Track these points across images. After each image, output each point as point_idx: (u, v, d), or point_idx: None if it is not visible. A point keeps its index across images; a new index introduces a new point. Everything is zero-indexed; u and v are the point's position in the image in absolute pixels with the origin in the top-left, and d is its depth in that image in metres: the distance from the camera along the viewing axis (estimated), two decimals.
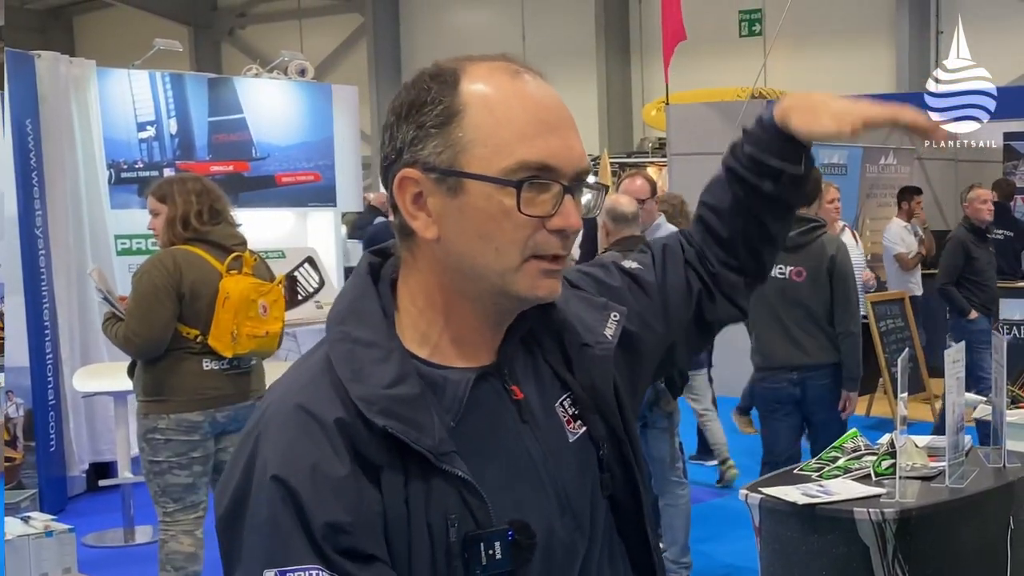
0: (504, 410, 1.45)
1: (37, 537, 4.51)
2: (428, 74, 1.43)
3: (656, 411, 5.56)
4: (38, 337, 7.30)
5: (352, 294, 1.46)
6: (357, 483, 1.31)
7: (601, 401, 1.53)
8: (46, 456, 7.36)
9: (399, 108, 1.42)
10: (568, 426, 1.51)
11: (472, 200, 1.37)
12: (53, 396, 7.42)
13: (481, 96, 1.39)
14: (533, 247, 1.39)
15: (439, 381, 1.40)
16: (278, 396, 1.40)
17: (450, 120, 1.38)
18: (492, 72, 1.42)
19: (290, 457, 1.31)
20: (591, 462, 1.51)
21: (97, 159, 7.91)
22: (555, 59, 20.37)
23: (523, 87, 1.41)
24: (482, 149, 1.37)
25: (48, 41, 23.42)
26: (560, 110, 1.43)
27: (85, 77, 7.92)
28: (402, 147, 1.40)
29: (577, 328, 1.55)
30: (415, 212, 1.40)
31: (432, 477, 1.34)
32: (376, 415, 1.32)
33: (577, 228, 1.41)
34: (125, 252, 8.03)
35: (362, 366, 1.37)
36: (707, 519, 6.83)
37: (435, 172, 1.38)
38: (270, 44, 20.14)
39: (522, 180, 1.37)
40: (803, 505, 3.91)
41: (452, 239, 1.39)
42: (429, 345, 1.43)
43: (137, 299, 4.69)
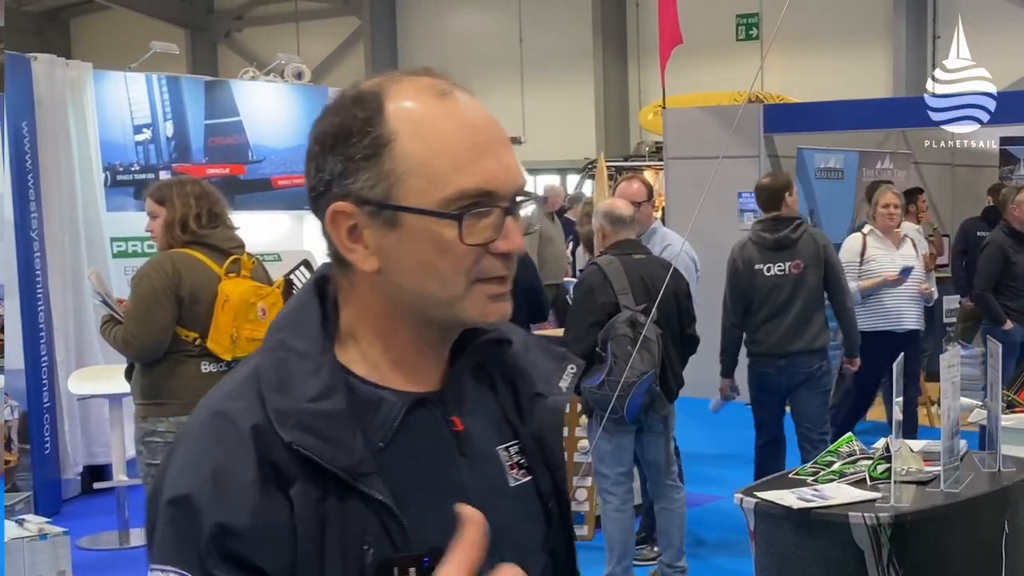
0: (440, 440, 1.41)
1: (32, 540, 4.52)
2: (350, 98, 1.38)
3: (652, 415, 5.55)
4: (33, 340, 7.30)
5: (295, 304, 1.44)
6: (263, 491, 1.28)
7: (548, 453, 1.50)
8: (41, 459, 7.35)
9: (323, 138, 1.37)
10: (510, 471, 1.47)
11: (411, 233, 1.34)
12: (48, 399, 7.41)
13: (410, 122, 1.35)
14: (478, 272, 1.36)
15: (373, 400, 1.37)
16: (204, 402, 1.38)
17: (380, 151, 1.34)
18: (418, 93, 1.37)
19: (194, 464, 1.30)
20: (534, 514, 1.48)
21: (93, 161, 7.91)
22: (552, 62, 20.40)
23: (453, 108, 1.37)
24: (417, 180, 1.33)
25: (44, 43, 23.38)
26: (492, 129, 1.39)
27: (81, 80, 7.92)
28: (331, 179, 1.36)
29: (532, 375, 1.51)
30: (351, 245, 1.37)
31: (349, 497, 1.31)
32: (289, 430, 1.29)
33: (522, 249, 1.39)
34: (121, 255, 8.02)
35: (290, 376, 1.34)
36: (702, 523, 6.83)
37: (369, 205, 1.34)
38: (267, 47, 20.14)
39: (463, 211, 1.33)
40: (798, 509, 3.92)
41: (393, 271, 1.36)
42: (368, 365, 1.40)
43: (136, 302, 4.69)
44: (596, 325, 5.40)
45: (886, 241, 7.56)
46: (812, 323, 6.46)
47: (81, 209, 7.77)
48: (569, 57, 20.23)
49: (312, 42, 22.48)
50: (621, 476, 5.63)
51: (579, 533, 6.77)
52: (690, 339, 5.76)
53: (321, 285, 1.45)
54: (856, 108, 10.93)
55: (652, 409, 5.52)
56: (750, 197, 10.54)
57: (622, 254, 5.56)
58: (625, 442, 5.59)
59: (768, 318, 6.43)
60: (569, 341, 5.53)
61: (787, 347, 6.41)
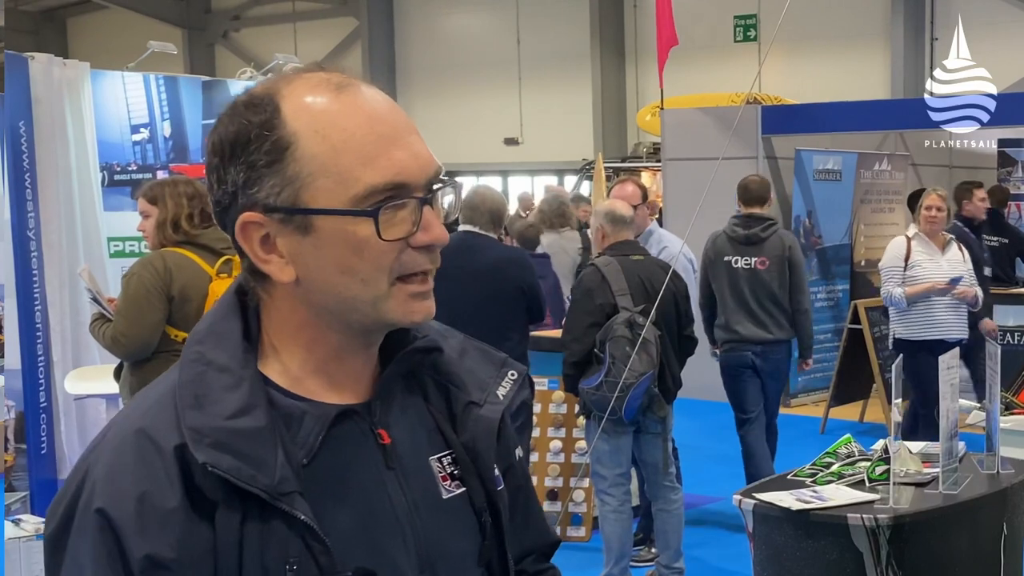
0: (367, 453, 1.35)
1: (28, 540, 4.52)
2: (242, 103, 1.31)
3: (649, 416, 5.55)
4: (30, 339, 7.29)
5: (215, 315, 1.37)
6: (187, 517, 1.23)
7: (481, 465, 1.44)
8: (37, 459, 7.34)
9: (220, 147, 1.30)
10: (443, 483, 1.41)
11: (326, 236, 1.28)
12: (44, 398, 7.40)
13: (310, 121, 1.28)
14: (400, 269, 1.31)
15: (296, 414, 1.31)
16: (123, 418, 1.33)
17: (282, 155, 1.28)
18: (313, 90, 1.31)
19: (117, 486, 1.24)
20: (468, 527, 1.43)
21: (90, 161, 7.89)
22: (550, 63, 20.40)
23: (353, 100, 1.30)
24: (324, 181, 1.27)
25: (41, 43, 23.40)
26: (396, 117, 1.32)
27: (79, 79, 7.90)
28: (235, 190, 1.30)
29: (467, 382, 1.46)
30: (266, 256, 1.31)
31: (272, 518, 1.25)
32: (203, 449, 1.23)
33: (444, 239, 1.33)
34: (118, 254, 8.01)
35: (208, 391, 1.28)
36: (700, 524, 6.83)
37: (278, 212, 1.28)
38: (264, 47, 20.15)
39: (377, 206, 1.28)
40: (797, 510, 3.91)
41: (312, 278, 1.30)
42: (291, 377, 1.34)
43: (127, 300, 4.68)
44: (594, 326, 5.40)
45: (931, 245, 7.30)
46: (774, 316, 6.80)
47: (78, 209, 7.76)
48: (567, 58, 20.24)
49: (309, 42, 22.49)
50: (619, 477, 5.63)
51: (577, 534, 6.77)
52: (688, 340, 5.77)
53: (241, 295, 1.39)
54: (854, 110, 10.94)
55: (650, 410, 5.52)
56: None
57: (620, 255, 5.56)
58: (623, 443, 5.59)
59: (736, 309, 6.82)
60: (567, 342, 5.53)
61: (758, 336, 6.79)
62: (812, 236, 10.80)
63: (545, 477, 6.88)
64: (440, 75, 21.44)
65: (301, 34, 23.04)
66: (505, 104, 20.54)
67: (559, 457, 6.91)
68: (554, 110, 20.44)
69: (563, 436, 6.95)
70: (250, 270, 1.35)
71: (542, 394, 6.80)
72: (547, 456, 6.92)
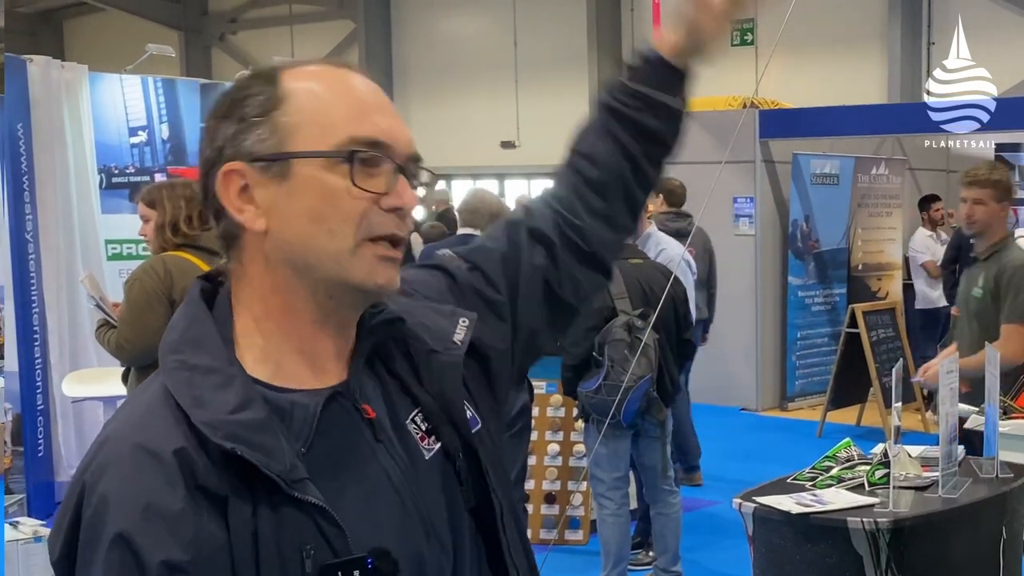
0: (357, 431, 1.38)
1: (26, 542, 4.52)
2: (246, 76, 1.43)
3: (648, 419, 5.55)
4: (27, 342, 7.30)
5: (185, 321, 1.39)
6: (195, 517, 1.24)
7: (452, 409, 1.47)
8: (34, 461, 7.35)
9: (217, 108, 1.40)
10: (422, 443, 1.44)
11: (302, 181, 1.34)
12: (42, 401, 7.41)
13: (304, 84, 1.38)
14: (368, 228, 1.35)
15: (285, 407, 1.33)
16: (114, 434, 1.32)
17: (275, 107, 1.36)
18: (313, 66, 1.41)
19: (122, 499, 1.25)
20: (450, 478, 1.45)
21: (88, 164, 7.90)
22: (547, 66, 20.40)
23: (347, 76, 1.40)
24: (310, 129, 1.35)
25: (38, 45, 23.40)
26: (385, 99, 1.41)
27: (77, 82, 7.91)
28: (223, 144, 1.37)
29: (423, 336, 1.49)
30: (242, 205, 1.35)
31: (283, 506, 1.27)
32: (223, 439, 1.25)
33: (412, 205, 1.38)
34: (116, 257, 8.01)
35: (202, 392, 1.30)
36: (698, 527, 6.85)
37: (261, 161, 1.35)
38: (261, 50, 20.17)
39: (353, 152, 1.34)
40: (797, 514, 3.90)
41: (282, 227, 1.35)
42: (272, 364, 1.36)
43: (129, 306, 4.68)
44: (593, 330, 5.40)
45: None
46: (697, 299, 7.30)
47: (76, 211, 7.77)
48: (563, 61, 20.24)
49: (306, 45, 22.47)
50: (617, 481, 5.63)
51: (575, 538, 6.77)
52: (687, 344, 5.78)
53: (205, 297, 1.42)
54: (852, 114, 10.96)
55: (648, 413, 5.52)
56: (745, 202, 10.60)
57: (619, 259, 5.56)
58: (621, 447, 5.59)
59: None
60: (565, 345, 5.53)
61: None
62: (810, 240, 10.82)
63: (543, 480, 6.89)
64: (437, 78, 21.45)
65: (298, 37, 23.02)
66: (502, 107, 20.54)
67: (557, 460, 6.91)
68: (551, 113, 20.41)
69: (561, 440, 6.96)
70: (224, 236, 1.39)
71: (540, 398, 6.80)
72: (544, 460, 6.92)
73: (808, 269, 10.85)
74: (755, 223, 10.55)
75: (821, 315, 10.99)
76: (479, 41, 21.23)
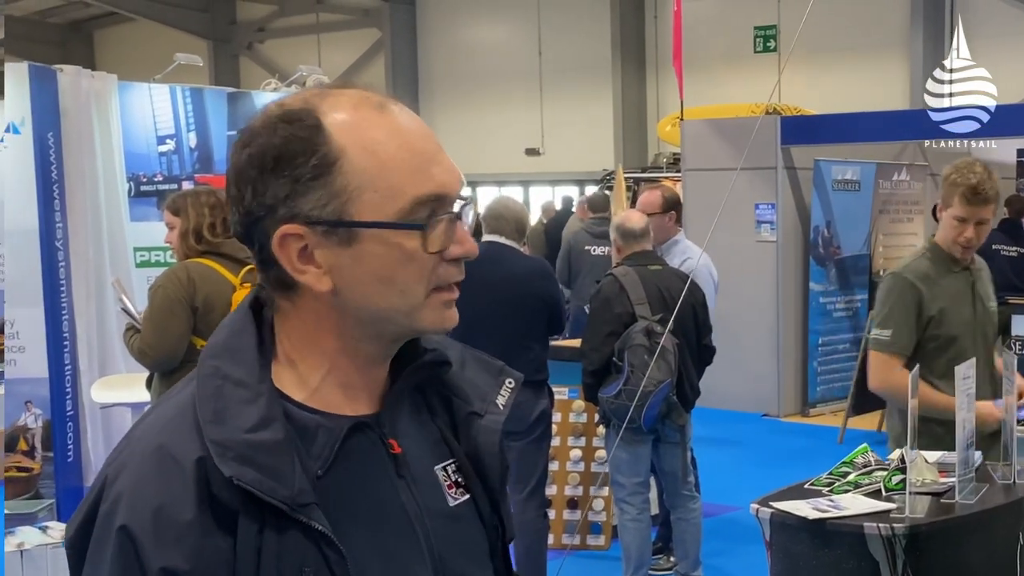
0: (379, 463, 1.39)
1: (55, 547, 4.57)
2: (279, 117, 1.34)
3: (668, 424, 5.58)
4: (57, 348, 7.36)
5: (230, 329, 1.39)
6: (203, 529, 1.25)
7: (485, 474, 1.49)
8: (64, 466, 7.41)
9: (261, 160, 1.32)
10: (449, 491, 1.45)
11: (369, 247, 1.32)
12: (71, 407, 7.47)
13: (356, 137, 1.32)
14: (436, 281, 1.35)
15: (311, 427, 1.34)
16: (142, 433, 1.34)
17: (329, 169, 1.31)
18: (356, 108, 1.35)
19: (136, 499, 1.26)
20: (475, 532, 1.47)
21: (117, 172, 7.97)
22: (571, 74, 20.45)
23: (394, 120, 1.35)
24: (372, 195, 1.31)
25: (69, 55, 23.57)
26: (432, 136, 1.38)
27: (106, 91, 7.99)
28: (274, 203, 1.31)
29: (468, 393, 1.50)
30: (303, 267, 1.33)
31: (288, 528, 1.28)
32: (228, 462, 1.26)
33: (475, 252, 1.38)
34: (144, 264, 8.08)
35: (226, 405, 1.30)
36: (719, 533, 6.86)
37: (322, 225, 1.31)
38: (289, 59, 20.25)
39: (426, 220, 1.33)
40: (813, 520, 3.92)
41: (349, 288, 1.33)
42: (308, 389, 1.37)
43: (152, 312, 4.74)
44: (613, 335, 5.43)
45: None
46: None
47: (105, 219, 7.84)
48: (588, 69, 20.28)
49: (333, 54, 22.60)
50: (638, 486, 5.66)
51: (596, 543, 6.81)
52: (706, 349, 5.79)
53: (256, 308, 1.41)
54: (873, 120, 10.95)
55: (669, 419, 5.55)
56: (767, 208, 10.62)
57: (638, 265, 5.61)
58: (642, 452, 5.62)
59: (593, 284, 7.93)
60: (586, 351, 5.57)
61: None
62: (831, 246, 10.81)
63: (565, 486, 6.93)
64: (462, 86, 21.53)
65: (325, 46, 23.14)
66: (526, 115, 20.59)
67: (579, 466, 6.95)
68: (575, 121, 20.49)
69: (583, 445, 7.00)
70: (276, 281, 1.37)
71: (562, 403, 6.83)
72: (567, 465, 6.96)
73: (829, 275, 10.85)
74: (776, 229, 10.56)
75: (842, 321, 10.98)
76: (504, 49, 21.29)
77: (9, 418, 7.24)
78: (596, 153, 19.78)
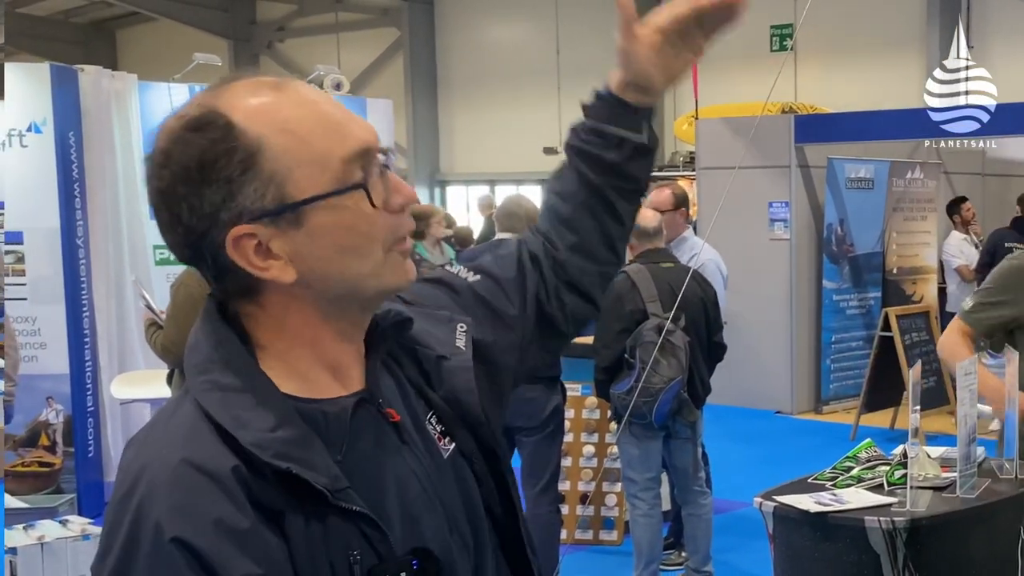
0: (384, 435, 1.41)
1: (75, 540, 4.61)
2: (185, 128, 1.32)
3: (679, 421, 5.63)
4: (78, 345, 7.46)
5: (209, 342, 1.37)
6: (261, 533, 1.26)
7: (467, 413, 1.50)
8: (84, 461, 7.51)
9: (186, 175, 1.30)
10: (439, 442, 1.47)
11: (319, 221, 1.32)
12: (92, 403, 7.57)
13: (268, 121, 1.32)
14: (390, 235, 1.37)
15: (318, 418, 1.35)
16: (154, 457, 1.29)
17: (254, 160, 1.30)
18: (255, 94, 1.34)
19: (188, 515, 1.23)
20: (467, 478, 1.48)
21: (137, 171, 8.06)
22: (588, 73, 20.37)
23: (297, 94, 1.36)
24: (303, 170, 1.31)
25: (91, 54, 23.71)
26: (336, 103, 1.39)
27: (127, 91, 8.10)
28: (214, 210, 1.30)
29: (430, 342, 1.53)
30: (264, 263, 1.32)
31: (328, 516, 1.29)
32: (273, 458, 1.27)
33: (415, 198, 1.40)
34: (163, 262, 8.17)
35: (240, 412, 1.30)
36: (730, 529, 6.89)
37: (268, 215, 1.31)
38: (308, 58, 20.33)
39: (361, 180, 1.34)
40: (815, 513, 3.96)
41: (311, 269, 1.34)
42: (298, 378, 1.37)
43: (175, 309, 4.82)
44: (624, 332, 5.48)
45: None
46: None
47: (125, 217, 7.95)
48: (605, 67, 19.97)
49: (352, 53, 22.65)
50: (649, 481, 5.71)
51: (609, 538, 6.87)
52: (717, 346, 5.83)
53: (223, 310, 1.40)
54: (886, 118, 10.95)
55: (680, 415, 5.59)
56: (781, 207, 10.65)
57: (650, 262, 5.65)
58: (653, 448, 5.67)
59: None
60: (598, 348, 5.61)
61: None
62: (844, 244, 10.83)
63: (578, 481, 6.99)
64: (480, 85, 21.56)
65: (344, 45, 23.20)
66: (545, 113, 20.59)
67: (592, 462, 7.01)
68: None
69: (596, 441, 7.05)
70: (237, 290, 1.36)
71: (575, 400, 6.88)
72: (580, 461, 7.02)
73: (843, 273, 10.87)
74: (790, 227, 10.59)
75: (856, 319, 11.00)
76: (522, 48, 21.32)
77: (30, 414, 7.35)
78: None
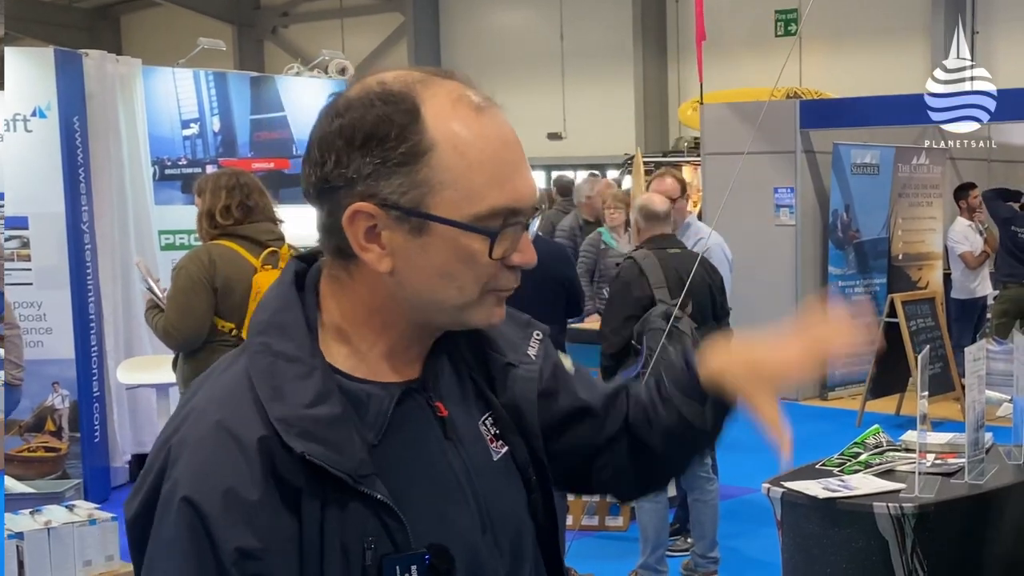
0: (428, 427, 1.42)
1: (81, 525, 4.59)
2: (376, 95, 1.34)
3: None
4: (83, 330, 7.45)
5: (275, 304, 1.41)
6: (272, 507, 1.28)
7: (524, 422, 1.53)
8: (91, 447, 7.50)
9: (350, 133, 1.33)
10: (491, 444, 1.49)
11: (437, 241, 1.34)
12: (98, 388, 7.56)
13: (450, 135, 1.33)
14: (493, 284, 1.38)
15: (362, 397, 1.36)
16: (199, 407, 1.35)
17: (417, 159, 1.32)
18: (456, 105, 1.35)
19: (203, 478, 1.27)
20: (515, 483, 1.50)
21: (142, 156, 8.07)
22: (592, 59, 20.43)
23: (490, 124, 1.37)
24: (453, 193, 1.33)
25: (95, 39, 23.71)
26: (519, 147, 1.40)
27: (131, 75, 8.08)
28: (355, 177, 1.33)
29: (501, 345, 1.54)
30: (367, 245, 1.35)
31: (350, 499, 1.31)
32: (295, 438, 1.28)
33: (533, 263, 1.40)
34: (169, 247, 8.18)
35: (283, 383, 1.32)
36: (736, 515, 6.88)
37: (397, 210, 1.33)
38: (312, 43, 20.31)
39: (497, 228, 1.35)
40: (824, 499, 3.96)
41: (408, 274, 1.36)
42: (356, 359, 1.39)
43: (175, 292, 4.81)
44: (631, 318, 5.46)
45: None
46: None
47: (130, 202, 7.94)
48: (609, 53, 20.26)
49: (356, 38, 22.64)
50: None
51: (615, 524, 6.86)
52: (724, 333, 5.83)
53: (300, 278, 1.44)
54: (892, 103, 10.92)
55: None
56: (786, 192, 10.63)
57: (658, 248, 5.63)
58: None
59: None
60: (605, 334, 5.59)
61: None
62: (850, 230, 10.81)
63: None
64: (484, 70, 21.52)
65: (348, 30, 23.20)
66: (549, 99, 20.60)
67: None
68: (597, 105, 20.48)
69: None
70: (336, 250, 1.38)
71: None
72: None
73: (848, 259, 10.85)
74: (795, 213, 10.56)
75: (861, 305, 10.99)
76: (526, 34, 21.29)
77: (36, 399, 7.35)
78: (618, 137, 19.77)
